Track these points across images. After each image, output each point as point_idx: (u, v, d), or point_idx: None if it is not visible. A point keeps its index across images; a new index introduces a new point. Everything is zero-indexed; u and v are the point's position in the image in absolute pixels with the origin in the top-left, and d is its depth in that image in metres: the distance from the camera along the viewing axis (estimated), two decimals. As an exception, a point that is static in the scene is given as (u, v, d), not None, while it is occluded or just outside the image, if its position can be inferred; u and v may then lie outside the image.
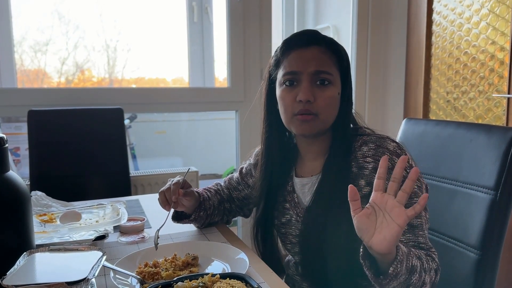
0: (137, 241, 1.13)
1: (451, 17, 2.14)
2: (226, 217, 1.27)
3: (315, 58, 0.99)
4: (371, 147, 0.98)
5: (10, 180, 0.80)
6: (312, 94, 0.97)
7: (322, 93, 0.98)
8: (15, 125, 2.78)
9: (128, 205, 1.40)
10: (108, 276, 0.89)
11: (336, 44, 1.03)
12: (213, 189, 1.26)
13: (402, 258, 0.78)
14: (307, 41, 1.01)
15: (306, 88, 0.98)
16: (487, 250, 1.04)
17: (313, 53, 0.99)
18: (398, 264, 0.78)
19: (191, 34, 2.96)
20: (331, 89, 0.99)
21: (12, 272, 0.70)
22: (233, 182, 1.26)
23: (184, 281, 0.75)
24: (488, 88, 1.97)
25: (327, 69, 0.99)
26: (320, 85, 0.98)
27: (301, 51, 1.00)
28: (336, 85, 1.00)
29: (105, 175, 1.99)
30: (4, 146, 0.80)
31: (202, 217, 1.17)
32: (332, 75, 0.99)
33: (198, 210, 1.16)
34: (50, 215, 1.22)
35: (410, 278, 0.81)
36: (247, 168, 1.24)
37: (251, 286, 0.74)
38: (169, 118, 3.42)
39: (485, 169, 1.07)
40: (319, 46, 1.00)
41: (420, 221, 0.92)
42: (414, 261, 0.82)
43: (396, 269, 0.78)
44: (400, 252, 0.78)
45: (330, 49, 1.01)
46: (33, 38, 2.77)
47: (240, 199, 1.25)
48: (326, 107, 0.99)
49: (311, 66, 0.98)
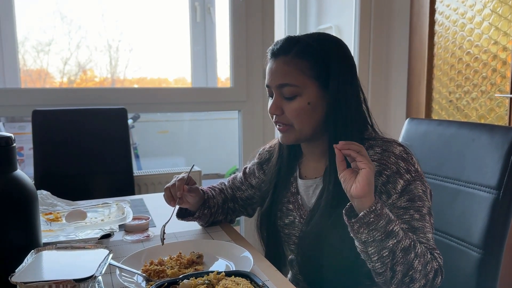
0: (142, 239, 1.13)
1: (454, 17, 2.14)
2: (230, 216, 1.28)
3: (279, 71, 0.98)
4: (377, 151, 0.97)
5: (18, 179, 0.81)
6: (280, 107, 0.99)
7: (288, 105, 0.99)
8: (19, 125, 2.79)
9: (133, 204, 1.41)
10: (114, 274, 0.90)
11: (310, 48, 0.98)
12: (217, 188, 1.27)
13: (379, 212, 0.82)
14: (277, 51, 1.00)
15: (273, 103, 1.00)
16: (490, 249, 1.05)
17: (278, 65, 0.99)
18: (372, 214, 0.82)
19: (194, 34, 2.97)
20: (298, 101, 0.98)
21: (20, 270, 0.71)
22: (237, 182, 1.27)
23: (190, 279, 0.75)
24: (490, 88, 1.97)
25: (290, 81, 0.97)
26: (286, 99, 0.99)
27: (271, 63, 1.01)
28: (305, 95, 0.97)
29: (109, 174, 2.00)
30: (12, 145, 0.81)
31: (206, 215, 1.18)
32: (298, 86, 0.97)
33: (202, 208, 1.17)
34: (56, 214, 1.23)
35: (386, 240, 0.83)
36: (251, 168, 1.25)
37: (256, 283, 0.75)
38: (171, 118, 3.42)
39: (488, 168, 1.07)
40: (285, 56, 0.98)
41: (421, 224, 0.91)
42: (396, 228, 0.84)
43: (368, 217, 0.82)
44: (378, 205, 0.83)
45: (299, 56, 0.97)
46: (35, 38, 2.78)
47: (244, 199, 1.26)
48: (296, 118, 0.99)
49: (275, 79, 0.99)
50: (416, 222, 0.91)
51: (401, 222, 0.90)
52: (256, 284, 0.75)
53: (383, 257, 0.85)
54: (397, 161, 0.93)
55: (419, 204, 0.92)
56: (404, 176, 0.92)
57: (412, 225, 0.91)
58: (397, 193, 0.92)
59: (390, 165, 0.93)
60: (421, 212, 0.92)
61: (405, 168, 0.93)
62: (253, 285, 0.74)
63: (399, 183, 0.92)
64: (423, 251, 0.88)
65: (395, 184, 0.92)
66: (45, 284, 0.66)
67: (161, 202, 1.52)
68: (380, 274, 0.87)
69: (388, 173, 0.93)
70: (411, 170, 0.93)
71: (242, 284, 0.74)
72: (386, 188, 0.93)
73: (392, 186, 0.92)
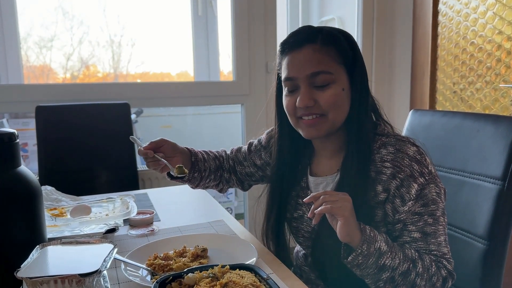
0: (146, 234, 1.14)
1: (458, 7, 2.12)
2: (222, 185, 1.24)
3: (309, 60, 0.94)
4: (390, 151, 0.94)
5: (22, 175, 0.81)
6: (312, 98, 0.94)
7: (322, 94, 0.94)
8: (23, 121, 2.80)
9: (137, 198, 1.42)
10: (119, 268, 0.91)
11: (334, 35, 0.96)
12: (213, 153, 1.23)
13: (366, 253, 0.85)
14: (300, 41, 0.96)
15: (304, 94, 0.94)
16: (495, 240, 1.04)
17: (306, 54, 0.94)
18: (359, 256, 0.85)
19: (196, 28, 2.95)
20: (333, 88, 0.94)
21: (26, 265, 0.71)
22: (240, 156, 1.24)
23: (195, 272, 0.75)
24: (495, 78, 1.96)
25: (324, 68, 0.93)
26: (320, 87, 0.94)
27: (295, 54, 0.96)
28: (339, 81, 0.95)
29: (113, 169, 2.00)
30: (15, 141, 0.81)
31: (196, 178, 1.15)
32: (332, 74, 0.94)
33: (192, 171, 1.14)
34: (60, 209, 1.24)
35: (380, 274, 0.87)
36: (257, 146, 1.22)
37: (260, 276, 0.75)
38: (174, 112, 3.42)
39: (493, 159, 1.07)
40: (313, 44, 0.94)
41: (434, 228, 0.91)
42: (387, 261, 0.86)
43: (356, 259, 0.86)
44: (364, 247, 0.85)
45: (326, 43, 0.94)
46: (37, 34, 2.78)
47: (243, 174, 1.23)
48: (332, 106, 0.94)
49: (306, 69, 0.94)
50: (429, 228, 0.90)
51: (414, 229, 0.91)
52: (260, 277, 0.75)
53: (380, 287, 0.89)
54: (411, 164, 0.91)
55: (433, 207, 0.91)
56: (418, 180, 0.90)
57: (424, 231, 0.90)
58: (412, 199, 0.90)
59: (404, 168, 0.91)
60: (435, 215, 0.91)
61: (419, 171, 0.91)
62: (258, 278, 0.74)
63: (413, 187, 0.90)
64: (427, 265, 0.88)
65: (409, 188, 0.90)
66: (51, 279, 0.66)
67: (165, 196, 1.53)
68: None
69: (402, 177, 0.91)
70: (425, 172, 0.91)
71: (247, 277, 0.74)
72: (399, 192, 0.91)
73: (406, 191, 0.90)
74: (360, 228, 0.86)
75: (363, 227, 0.86)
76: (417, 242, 0.91)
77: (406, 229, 0.92)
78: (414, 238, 0.91)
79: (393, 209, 0.92)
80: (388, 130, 1.01)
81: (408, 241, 0.92)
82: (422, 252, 0.91)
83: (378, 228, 0.93)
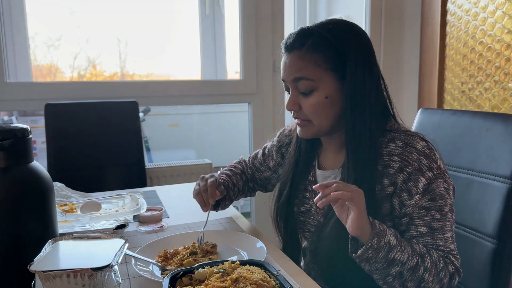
0: (156, 230, 1.15)
1: (466, 6, 2.11)
2: (249, 193, 1.33)
3: (293, 65, 0.96)
4: (398, 145, 0.93)
5: (35, 170, 0.82)
6: (297, 103, 0.98)
7: (305, 101, 0.97)
8: (31, 119, 2.82)
9: (146, 195, 1.43)
10: (129, 263, 0.92)
11: (323, 40, 0.95)
12: (239, 170, 1.30)
13: (376, 247, 0.84)
14: (290, 46, 0.97)
15: (290, 99, 0.99)
16: (504, 239, 1.04)
17: (292, 59, 0.96)
18: (369, 250, 0.84)
19: (203, 27, 2.96)
20: (315, 96, 0.95)
21: (39, 259, 0.72)
22: (256, 163, 1.29)
23: (205, 268, 0.76)
24: (504, 78, 1.94)
25: (305, 75, 0.94)
26: (303, 94, 0.97)
27: (286, 57, 0.99)
28: (322, 89, 0.95)
29: (121, 167, 2.02)
30: (28, 137, 0.82)
31: (227, 206, 1.22)
32: (314, 80, 0.94)
33: (223, 202, 1.19)
34: (71, 205, 1.25)
35: (389, 268, 0.86)
36: (270, 149, 1.26)
37: (270, 272, 0.75)
38: (181, 111, 3.43)
39: (502, 158, 1.06)
40: (299, 51, 0.95)
41: (441, 224, 0.90)
42: (397, 255, 0.85)
43: (366, 253, 0.84)
44: (374, 240, 0.84)
45: (312, 51, 0.94)
46: (45, 33, 2.80)
47: (262, 179, 1.29)
48: (313, 114, 0.97)
49: (290, 73, 0.97)
50: (436, 223, 0.90)
51: (421, 223, 0.90)
52: (270, 273, 0.75)
53: (389, 282, 0.88)
54: (419, 158, 0.91)
55: (441, 203, 0.90)
56: (426, 174, 0.90)
57: (431, 226, 0.90)
58: (419, 193, 0.90)
59: (412, 162, 0.90)
60: (443, 211, 0.90)
61: (427, 165, 0.90)
62: (268, 274, 0.75)
63: (421, 181, 0.89)
64: (435, 260, 0.88)
65: (416, 182, 0.90)
66: (63, 273, 0.67)
67: (174, 194, 1.54)
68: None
69: (409, 170, 0.90)
70: (433, 167, 0.90)
71: (257, 273, 0.74)
72: (407, 186, 0.91)
73: (413, 185, 0.90)
74: (370, 222, 0.85)
75: (372, 221, 0.86)
76: (424, 237, 0.91)
77: (413, 223, 0.91)
78: (420, 232, 0.91)
79: (400, 203, 0.92)
80: (398, 125, 1.01)
81: (414, 235, 0.91)
82: (429, 247, 0.91)
83: (385, 222, 0.93)
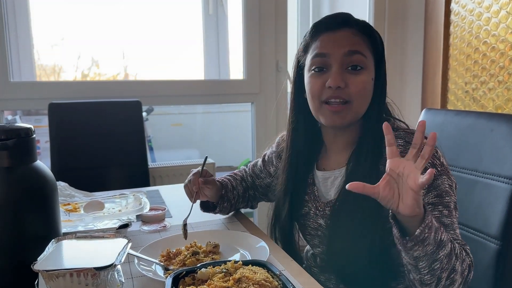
0: (159, 229, 1.15)
1: (470, 6, 2.10)
2: (251, 203, 1.30)
3: (347, 39, 0.93)
4: (399, 144, 0.92)
5: (38, 170, 0.82)
6: (343, 80, 0.92)
7: (354, 78, 0.92)
8: (35, 118, 2.83)
9: (149, 195, 1.43)
10: (132, 263, 0.92)
11: (370, 27, 0.98)
12: (239, 176, 1.28)
13: (430, 225, 0.75)
14: (338, 23, 0.96)
15: (337, 73, 0.92)
16: (508, 240, 1.04)
17: (344, 34, 0.94)
18: (426, 229, 0.75)
19: (206, 27, 2.96)
20: (365, 74, 0.93)
21: (42, 258, 0.72)
22: (256, 170, 1.27)
23: (208, 268, 0.76)
24: (508, 78, 1.94)
25: (360, 50, 0.93)
26: (352, 70, 0.93)
27: (331, 34, 0.95)
28: (369, 69, 0.94)
29: (124, 166, 2.02)
30: (32, 136, 0.83)
31: (226, 208, 1.20)
32: (366, 58, 0.93)
33: (221, 202, 1.18)
34: (74, 205, 1.25)
35: (437, 252, 0.77)
36: (269, 156, 1.24)
37: (273, 273, 0.75)
38: (185, 110, 3.44)
39: (506, 159, 1.06)
40: (351, 28, 0.95)
41: (450, 220, 0.89)
42: (443, 236, 0.78)
43: (424, 233, 0.75)
44: (429, 218, 0.75)
45: (363, 32, 0.95)
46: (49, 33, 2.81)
47: (263, 187, 1.26)
48: (359, 93, 0.93)
49: (342, 47, 0.93)
50: (445, 219, 0.88)
51: None
52: (273, 273, 0.75)
53: (434, 270, 0.79)
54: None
55: (447, 199, 0.89)
56: None
57: (442, 221, 0.88)
58: (424, 189, 0.88)
59: None
60: (450, 207, 0.89)
61: (430, 162, 0.89)
62: (270, 274, 0.75)
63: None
64: (460, 249, 0.84)
65: None
66: (67, 272, 0.67)
67: (177, 193, 1.54)
68: (427, 285, 0.81)
69: None
70: (437, 164, 0.90)
71: (260, 273, 0.74)
72: None
73: None
74: None
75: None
76: None
77: None
78: None
79: None
80: (398, 125, 1.00)
81: None
82: None
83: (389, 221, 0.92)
